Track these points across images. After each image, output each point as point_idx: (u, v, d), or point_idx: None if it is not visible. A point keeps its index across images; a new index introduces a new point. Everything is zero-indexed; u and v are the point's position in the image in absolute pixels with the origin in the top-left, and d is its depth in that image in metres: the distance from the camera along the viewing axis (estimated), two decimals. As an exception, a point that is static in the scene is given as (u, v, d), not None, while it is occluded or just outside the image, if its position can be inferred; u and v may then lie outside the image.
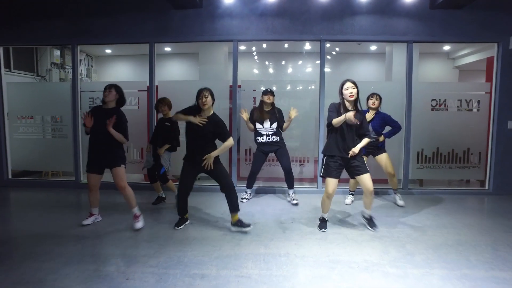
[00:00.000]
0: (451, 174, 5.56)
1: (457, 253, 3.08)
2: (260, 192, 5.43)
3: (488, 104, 5.38)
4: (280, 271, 2.75)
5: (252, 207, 4.64)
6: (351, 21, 5.27)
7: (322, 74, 5.35)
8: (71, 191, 5.49)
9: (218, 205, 4.68)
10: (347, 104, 3.59)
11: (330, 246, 3.30)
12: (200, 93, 3.63)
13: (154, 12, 5.41)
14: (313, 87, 5.83)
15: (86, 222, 3.87)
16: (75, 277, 2.61)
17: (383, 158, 4.67)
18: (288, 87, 5.89)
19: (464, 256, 3.01)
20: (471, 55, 7.87)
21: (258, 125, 4.76)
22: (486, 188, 5.43)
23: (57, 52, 7.45)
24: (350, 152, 3.52)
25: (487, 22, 5.14)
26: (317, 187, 5.44)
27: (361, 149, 3.60)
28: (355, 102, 3.59)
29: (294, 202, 4.82)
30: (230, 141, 3.65)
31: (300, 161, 5.73)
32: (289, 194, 4.97)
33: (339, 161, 3.60)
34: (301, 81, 7.22)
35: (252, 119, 4.80)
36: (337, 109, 3.61)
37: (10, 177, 5.94)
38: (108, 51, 8.68)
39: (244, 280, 2.61)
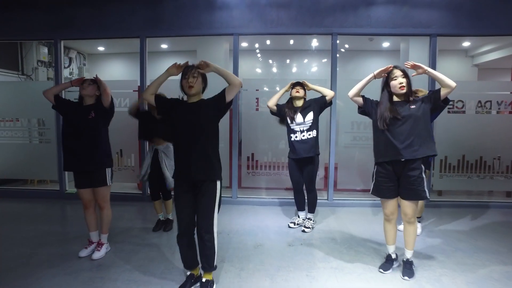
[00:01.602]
0: (479, 184, 4.94)
1: (511, 293, 2.49)
2: (265, 204, 4.85)
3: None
4: (291, 320, 2.17)
5: (255, 223, 4.06)
6: (367, 12, 4.68)
7: (334, 72, 4.76)
8: (55, 202, 4.97)
9: (221, 222, 4.10)
10: (396, 98, 2.66)
11: (349, 279, 2.72)
12: (186, 72, 2.41)
13: (145, 2, 4.84)
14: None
15: (82, 253, 3.08)
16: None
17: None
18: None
19: (522, 298, 2.42)
20: (492, 52, 7.25)
21: (290, 122, 3.77)
22: (518, 200, 4.82)
23: (44, 49, 6.91)
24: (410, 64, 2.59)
25: (523, 12, 4.52)
26: (327, 199, 4.85)
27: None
28: (407, 95, 2.63)
29: (304, 229, 3.79)
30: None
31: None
32: (298, 216, 4.00)
33: (389, 169, 2.68)
34: (308, 80, 6.63)
35: (282, 115, 3.82)
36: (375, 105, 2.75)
37: (-10, 185, 5.42)
38: (101, 48, 8.13)
39: (244, 333, 2.04)
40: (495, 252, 3.19)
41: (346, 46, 7.60)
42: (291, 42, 7.21)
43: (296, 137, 3.72)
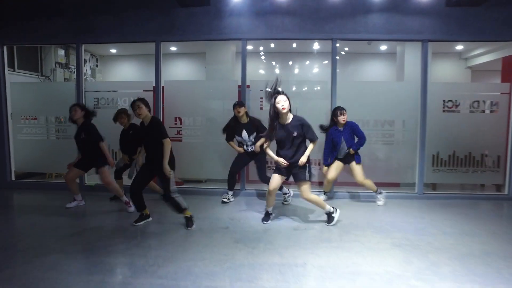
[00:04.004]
0: (468, 178, 5.35)
1: (486, 265, 2.88)
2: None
3: (507, 105, 5.18)
4: (298, 284, 2.57)
5: (262, 211, 4.45)
6: (364, 19, 5.09)
7: (334, 74, 5.17)
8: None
9: (226, 210, 4.51)
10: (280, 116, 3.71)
11: (348, 255, 3.12)
12: (132, 105, 3.72)
13: (160, 10, 5.26)
14: (318, 87, 5.64)
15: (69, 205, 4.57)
16: (79, 290, 2.46)
17: (353, 166, 4.73)
18: (294, 88, 5.71)
19: (495, 269, 2.81)
20: (484, 55, 7.67)
21: (237, 137, 4.79)
22: (506, 193, 5.21)
23: (61, 52, 7.33)
24: (299, 163, 3.72)
25: (507, 19, 4.93)
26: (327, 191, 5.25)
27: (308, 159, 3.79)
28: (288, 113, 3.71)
29: (226, 200, 4.88)
30: (167, 142, 3.67)
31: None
32: (227, 193, 4.97)
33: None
34: (310, 81, 7.05)
35: (230, 132, 4.79)
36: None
37: (13, 179, 5.81)
38: (113, 50, 8.55)
39: (260, 293, 2.44)
40: (476, 235, 3.61)
41: (346, 49, 8.02)
42: (294, 45, 7.63)
43: (244, 148, 4.79)
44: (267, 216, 4.08)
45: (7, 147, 5.70)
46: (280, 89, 3.69)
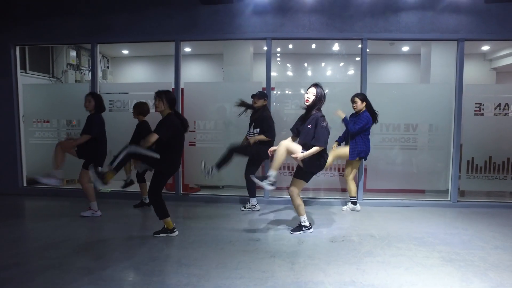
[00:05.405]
0: (507, 185, 5.04)
1: (560, 286, 2.59)
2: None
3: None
4: (355, 308, 2.29)
5: (294, 221, 4.18)
6: (396, 17, 4.83)
7: (363, 75, 4.93)
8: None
9: (252, 219, 4.24)
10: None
11: (398, 272, 2.83)
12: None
13: (180, 8, 5.02)
14: (343, 89, 5.35)
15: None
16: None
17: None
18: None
19: None
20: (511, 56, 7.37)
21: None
22: (547, 201, 4.92)
23: (73, 53, 7.10)
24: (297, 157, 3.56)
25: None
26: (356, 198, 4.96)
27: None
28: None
29: (244, 208, 4.65)
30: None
31: (335, 169, 5.28)
32: (249, 201, 4.69)
33: None
34: (335, 83, 6.76)
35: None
36: None
37: (25, 185, 5.56)
38: (125, 51, 8.32)
39: (315, 320, 2.16)
40: (533, 249, 3.31)
41: (367, 50, 7.72)
42: (313, 46, 7.36)
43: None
44: (298, 228, 3.78)
45: (19, 152, 5.45)
46: None
